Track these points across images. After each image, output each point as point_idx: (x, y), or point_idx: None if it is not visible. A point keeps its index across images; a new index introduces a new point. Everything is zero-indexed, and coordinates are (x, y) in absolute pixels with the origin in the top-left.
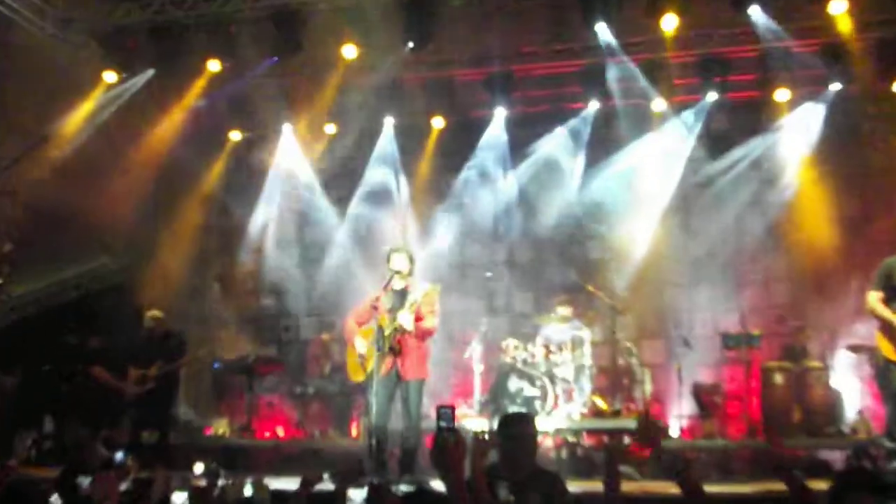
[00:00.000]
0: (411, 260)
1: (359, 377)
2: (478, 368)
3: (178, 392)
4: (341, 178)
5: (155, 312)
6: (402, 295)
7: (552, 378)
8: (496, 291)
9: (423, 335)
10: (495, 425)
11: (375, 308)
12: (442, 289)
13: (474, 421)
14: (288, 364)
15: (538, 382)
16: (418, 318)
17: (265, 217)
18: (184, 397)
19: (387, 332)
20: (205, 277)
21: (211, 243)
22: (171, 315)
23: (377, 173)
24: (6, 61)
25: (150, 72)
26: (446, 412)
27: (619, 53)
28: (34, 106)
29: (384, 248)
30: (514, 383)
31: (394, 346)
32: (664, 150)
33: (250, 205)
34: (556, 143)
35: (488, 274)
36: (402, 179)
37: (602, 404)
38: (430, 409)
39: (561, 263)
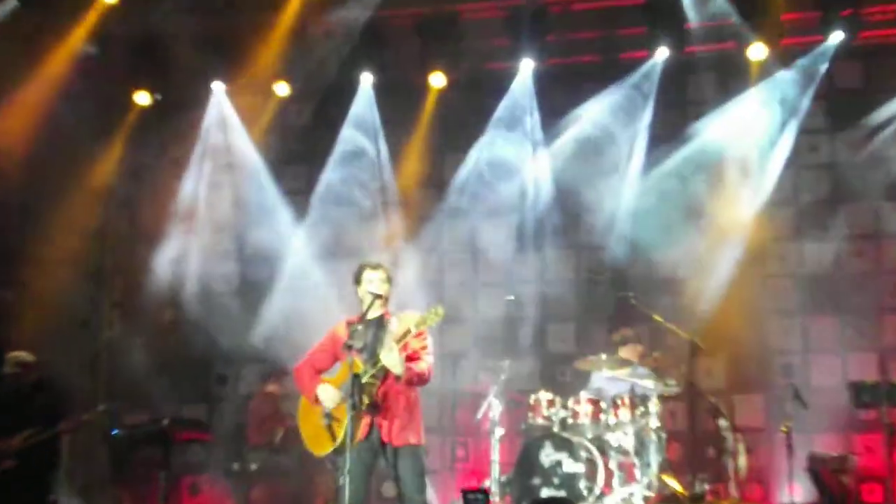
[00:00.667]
0: (391, 276)
1: (323, 447)
2: (496, 434)
3: (56, 472)
4: (298, 162)
5: (20, 355)
6: (380, 327)
7: (603, 448)
8: (521, 322)
9: (414, 381)
10: None
11: (347, 347)
12: (443, 317)
13: None
14: (221, 430)
15: (583, 454)
16: (409, 359)
17: (187, 217)
18: (66, 480)
19: (364, 380)
20: (99, 304)
21: (108, 255)
22: (47, 359)
23: (349, 154)
24: None
25: (13, 2)
26: (477, 500)
27: None
28: None
29: (358, 262)
30: (548, 455)
31: (374, 399)
32: (765, 119)
33: (165, 199)
34: (606, 110)
35: (510, 297)
36: (385, 162)
37: (677, 486)
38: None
39: (615, 283)
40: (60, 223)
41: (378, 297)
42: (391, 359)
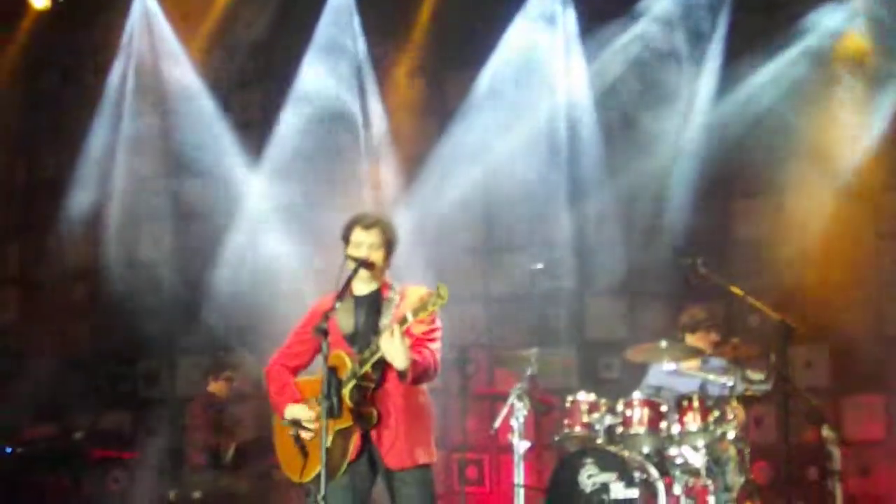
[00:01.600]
0: (389, 239)
1: (300, 473)
2: (519, 448)
3: None
4: (250, 86)
5: None
6: (371, 305)
7: (665, 466)
8: (554, 300)
9: (422, 378)
10: None
11: (322, 333)
12: (446, 300)
13: None
14: (151, 445)
15: (638, 475)
16: (414, 346)
17: (103, 162)
18: None
19: (347, 381)
20: None
21: None
22: None
23: (320, 74)
24: None
25: None
26: None
27: None
28: None
29: (339, 218)
30: (590, 476)
31: (362, 408)
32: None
33: (74, 138)
34: (665, 14)
35: (537, 266)
36: (370, 85)
37: None
38: None
39: (679, 249)
40: None
41: (364, 264)
42: (393, 348)
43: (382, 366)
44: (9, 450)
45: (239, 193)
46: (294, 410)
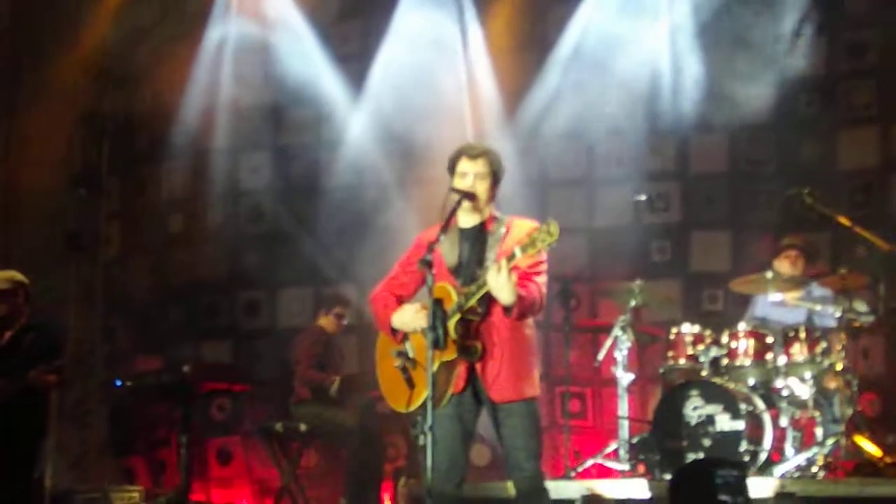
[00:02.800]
0: (495, 170)
1: (401, 401)
2: (623, 381)
3: (41, 441)
4: (350, 18)
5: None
6: (476, 238)
7: (771, 399)
8: (657, 232)
9: (527, 313)
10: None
11: (426, 265)
12: (557, 238)
13: (623, 484)
14: (258, 377)
15: (744, 407)
16: (520, 280)
17: (205, 96)
18: (55, 450)
19: (452, 314)
20: (91, 215)
21: (99, 149)
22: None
23: (419, 5)
24: None
25: None
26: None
27: None
28: None
29: (441, 151)
30: (696, 409)
31: (467, 340)
32: None
33: (173, 74)
34: None
35: (640, 197)
36: (471, 16)
37: (874, 450)
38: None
39: (783, 177)
40: (39, 110)
41: (468, 196)
42: (500, 284)
43: (488, 299)
44: (118, 382)
45: (340, 126)
46: (402, 315)
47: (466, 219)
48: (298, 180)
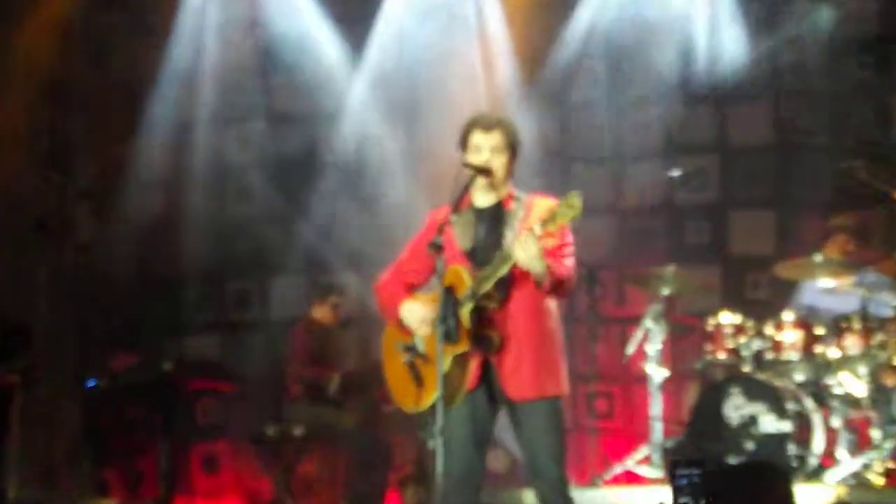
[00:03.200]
0: (512, 143)
1: (408, 399)
2: (655, 378)
3: (6, 446)
4: None
5: None
6: (493, 219)
7: (822, 396)
8: (692, 210)
9: (559, 285)
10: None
11: (436, 249)
12: (580, 211)
13: (655, 493)
14: (248, 375)
15: (791, 406)
16: (548, 259)
17: (188, 62)
18: (18, 460)
19: (465, 301)
20: (60, 196)
21: (70, 121)
22: None
23: None
24: None
25: None
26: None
27: None
28: None
29: (452, 123)
30: (737, 408)
31: (482, 330)
32: None
33: (152, 35)
34: None
35: (675, 172)
36: None
37: None
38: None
39: (834, 149)
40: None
41: (482, 172)
42: (528, 252)
43: (506, 284)
44: (92, 382)
45: (339, 94)
46: (409, 306)
47: (482, 197)
48: (293, 154)
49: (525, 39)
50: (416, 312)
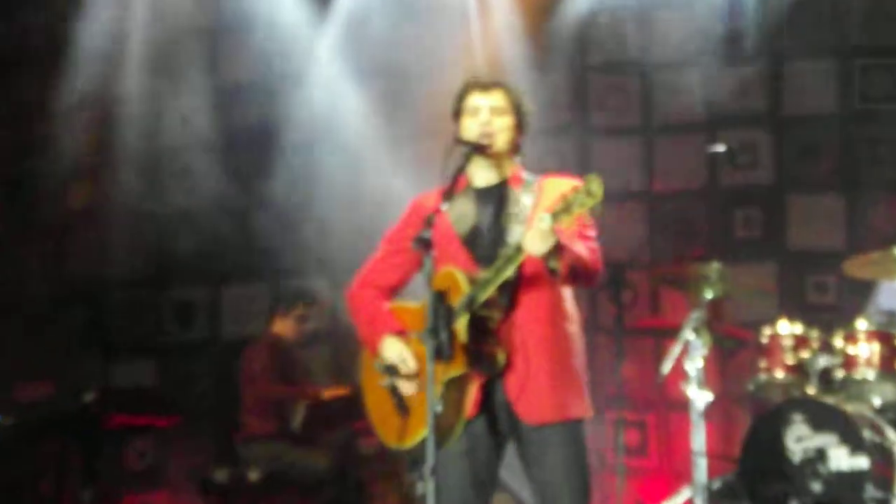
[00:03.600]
0: (518, 105)
1: (398, 436)
2: (698, 403)
3: None
4: None
5: None
6: (497, 201)
7: None
8: (743, 196)
9: (580, 270)
10: None
11: (423, 245)
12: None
13: None
14: (190, 407)
15: (868, 436)
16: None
17: (115, 20)
18: None
19: (462, 310)
20: None
21: None
22: None
23: None
24: None
25: None
26: None
27: None
28: None
29: (443, 93)
30: (800, 439)
31: (483, 346)
32: None
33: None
34: None
35: (717, 148)
36: None
37: None
38: None
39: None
40: None
41: (477, 148)
42: (542, 248)
43: (512, 287)
44: None
45: (302, 59)
46: (393, 347)
47: (482, 176)
48: (246, 134)
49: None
50: (396, 351)
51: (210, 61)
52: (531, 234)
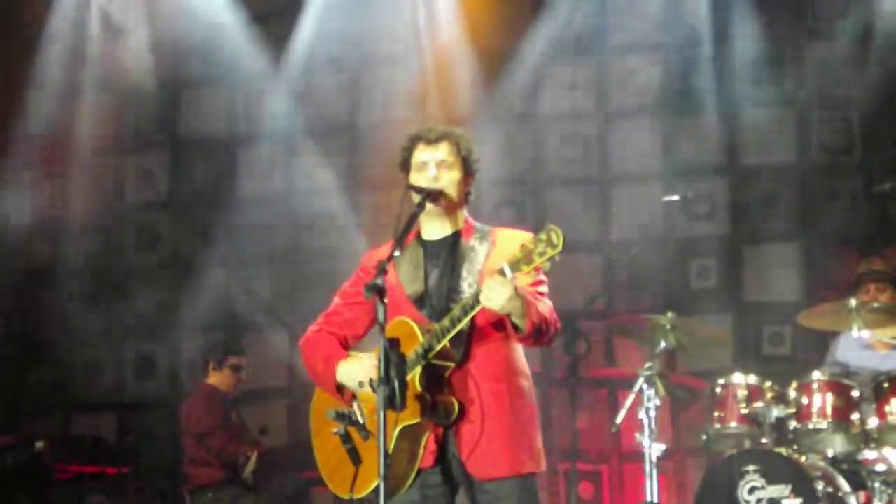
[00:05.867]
0: (466, 156)
1: (356, 486)
2: (651, 454)
3: None
4: None
5: None
6: (450, 256)
7: (860, 476)
8: (695, 246)
9: (543, 330)
10: None
11: (376, 291)
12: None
13: None
14: (144, 459)
15: (821, 486)
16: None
17: (66, 71)
18: None
19: (416, 360)
20: None
21: None
22: None
23: None
24: None
25: None
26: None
27: None
28: None
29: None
30: (752, 489)
31: (437, 396)
32: None
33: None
34: None
35: (671, 197)
36: None
37: None
38: None
39: (870, 169)
40: None
41: (431, 195)
42: (501, 297)
43: (466, 337)
44: None
45: (257, 109)
46: (350, 368)
47: (433, 228)
48: (205, 187)
49: (486, 36)
50: (358, 373)
51: (170, 116)
52: (489, 284)
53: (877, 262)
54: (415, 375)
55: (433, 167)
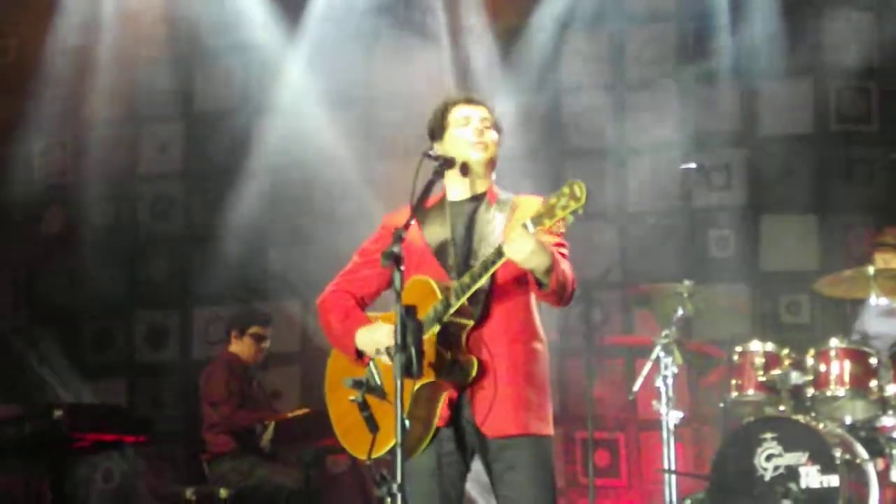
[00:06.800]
0: (499, 125)
1: (361, 446)
2: (668, 421)
3: None
4: None
5: None
6: (476, 214)
7: (880, 444)
8: (712, 215)
9: (564, 285)
10: None
11: (392, 259)
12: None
13: None
14: (160, 428)
15: (839, 454)
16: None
17: (85, 49)
18: None
19: (434, 319)
20: None
21: None
22: None
23: None
24: None
25: None
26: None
27: None
28: None
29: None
30: (770, 456)
31: (456, 355)
32: None
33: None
34: None
35: (689, 165)
36: None
37: None
38: None
39: (888, 140)
40: None
41: (447, 163)
42: (525, 249)
43: (484, 296)
44: None
45: (271, 81)
46: (370, 335)
47: (456, 189)
48: (220, 159)
49: (503, 13)
50: (379, 340)
51: (183, 92)
52: (512, 236)
53: (892, 233)
54: (432, 334)
55: (478, 122)
